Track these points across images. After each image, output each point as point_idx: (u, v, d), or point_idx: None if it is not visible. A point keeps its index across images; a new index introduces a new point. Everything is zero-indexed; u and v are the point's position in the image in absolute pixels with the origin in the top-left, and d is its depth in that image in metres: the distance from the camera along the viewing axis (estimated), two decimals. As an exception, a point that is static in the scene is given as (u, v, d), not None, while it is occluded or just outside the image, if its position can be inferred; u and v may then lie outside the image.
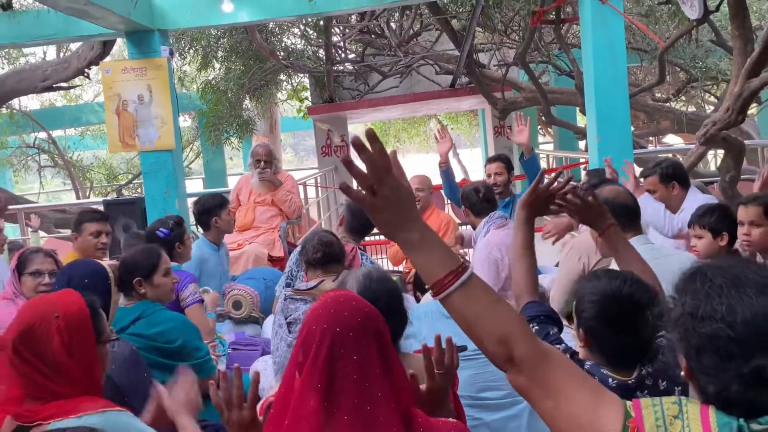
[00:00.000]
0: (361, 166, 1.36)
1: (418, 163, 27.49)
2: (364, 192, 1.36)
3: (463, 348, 2.01)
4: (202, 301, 3.84)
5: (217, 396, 1.79)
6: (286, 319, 2.99)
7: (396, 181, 1.36)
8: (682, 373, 1.30)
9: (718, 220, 3.39)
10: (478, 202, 4.22)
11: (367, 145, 1.33)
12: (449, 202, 8.39)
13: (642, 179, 4.61)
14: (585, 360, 2.08)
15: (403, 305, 2.20)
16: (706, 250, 3.40)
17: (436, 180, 5.77)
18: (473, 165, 20.53)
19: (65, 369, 1.84)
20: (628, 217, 2.93)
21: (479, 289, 1.40)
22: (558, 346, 2.07)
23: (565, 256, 3.78)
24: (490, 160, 5.40)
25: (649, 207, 4.04)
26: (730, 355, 1.19)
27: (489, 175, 5.20)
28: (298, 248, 3.89)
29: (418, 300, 3.86)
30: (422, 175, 5.79)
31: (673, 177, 4.13)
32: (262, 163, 6.21)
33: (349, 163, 1.34)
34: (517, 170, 6.72)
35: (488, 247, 4.02)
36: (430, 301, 2.78)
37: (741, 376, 1.18)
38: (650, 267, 2.21)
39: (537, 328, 2.11)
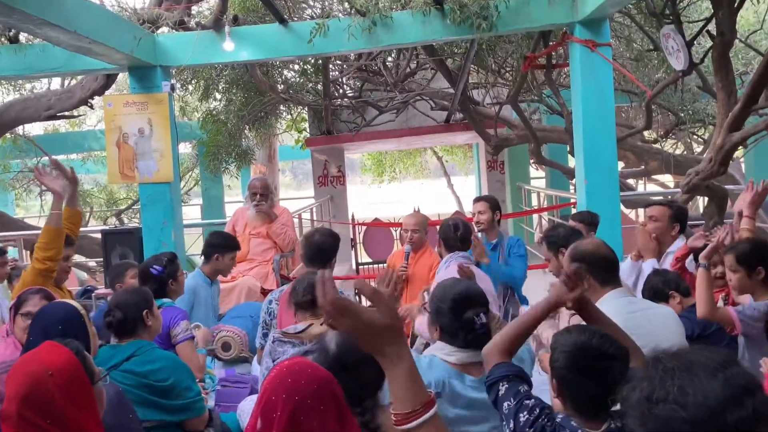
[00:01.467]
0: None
1: (413, 189, 27.62)
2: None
3: None
4: (193, 338, 3.86)
5: None
6: (273, 362, 2.99)
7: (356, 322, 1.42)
8: None
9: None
10: (453, 237, 4.44)
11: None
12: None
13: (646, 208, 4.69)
14: (558, 412, 2.13)
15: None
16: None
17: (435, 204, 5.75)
18: (467, 192, 20.63)
19: (72, 420, 1.86)
20: (608, 269, 2.97)
21: (438, 429, 1.43)
22: (527, 401, 2.13)
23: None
24: (475, 200, 5.54)
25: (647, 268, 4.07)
26: None
27: (474, 214, 5.42)
28: (269, 299, 4.01)
29: None
30: (418, 215, 5.72)
31: (677, 219, 4.28)
32: (258, 196, 6.24)
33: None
34: (512, 208, 6.74)
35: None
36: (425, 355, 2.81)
37: None
38: (623, 332, 2.31)
39: (507, 386, 2.16)
